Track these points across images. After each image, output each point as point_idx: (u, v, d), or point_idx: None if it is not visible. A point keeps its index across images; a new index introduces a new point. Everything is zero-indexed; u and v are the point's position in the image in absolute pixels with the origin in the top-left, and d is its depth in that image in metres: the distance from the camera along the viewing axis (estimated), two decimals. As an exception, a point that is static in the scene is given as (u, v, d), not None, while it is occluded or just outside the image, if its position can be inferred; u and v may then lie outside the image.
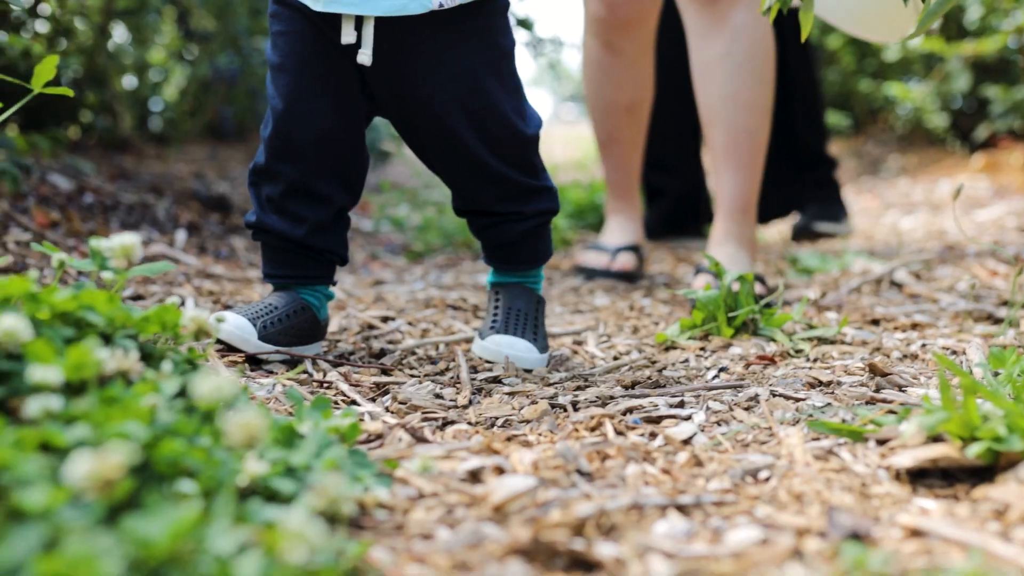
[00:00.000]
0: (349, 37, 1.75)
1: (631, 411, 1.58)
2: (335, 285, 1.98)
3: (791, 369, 1.83)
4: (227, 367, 1.74)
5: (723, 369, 1.85)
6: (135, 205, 3.41)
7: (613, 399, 1.65)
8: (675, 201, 3.82)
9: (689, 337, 2.11)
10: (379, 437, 1.43)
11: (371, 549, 1.04)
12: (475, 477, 1.26)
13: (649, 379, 1.78)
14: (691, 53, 2.62)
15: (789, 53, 3.61)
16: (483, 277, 2.94)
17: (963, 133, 5.99)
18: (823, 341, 2.06)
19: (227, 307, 2.25)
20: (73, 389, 1.09)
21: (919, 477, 1.24)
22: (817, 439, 1.39)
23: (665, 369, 1.87)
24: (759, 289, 2.44)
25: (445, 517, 1.14)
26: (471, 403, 1.66)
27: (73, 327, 1.20)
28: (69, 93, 1.51)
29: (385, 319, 2.31)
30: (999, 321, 2.21)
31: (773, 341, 2.07)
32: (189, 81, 5.45)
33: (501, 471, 1.27)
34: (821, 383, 1.72)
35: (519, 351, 1.90)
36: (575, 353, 2.05)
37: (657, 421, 1.54)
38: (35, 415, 1.00)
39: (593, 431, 1.48)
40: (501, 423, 1.55)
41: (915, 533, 1.08)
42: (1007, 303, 2.28)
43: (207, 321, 1.26)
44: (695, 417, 1.54)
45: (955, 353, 1.90)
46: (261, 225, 1.89)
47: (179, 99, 5.55)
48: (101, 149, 4.40)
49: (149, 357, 1.25)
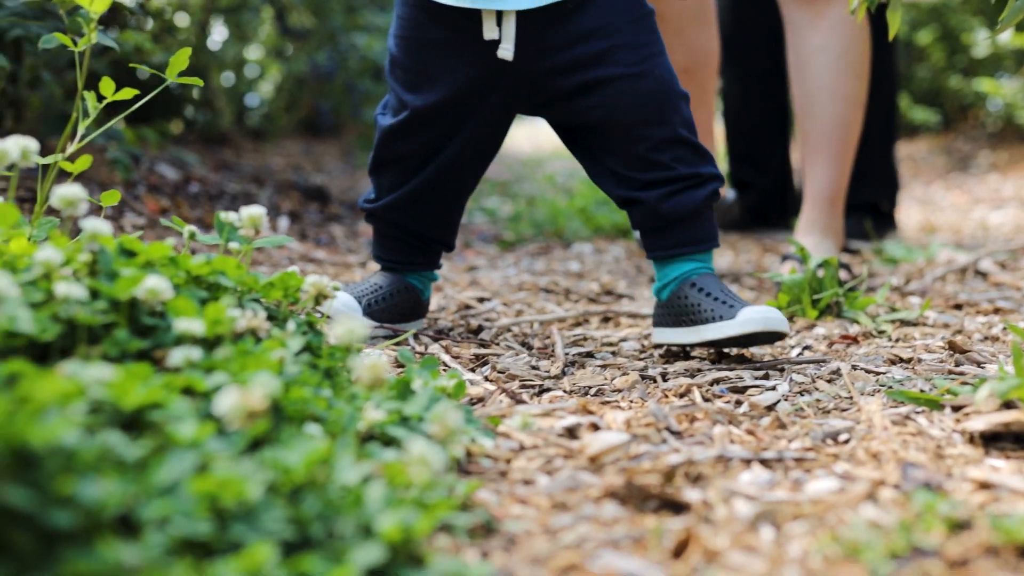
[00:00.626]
0: (492, 33, 1.78)
1: (718, 382, 1.67)
2: (440, 268, 2.08)
3: (873, 348, 1.90)
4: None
5: (807, 347, 1.92)
6: (238, 194, 3.56)
7: (701, 371, 1.74)
8: (763, 194, 3.88)
9: (774, 319, 2.18)
10: (480, 400, 1.53)
11: (478, 491, 1.15)
12: (572, 433, 1.35)
13: (735, 355, 1.86)
14: (788, 47, 2.70)
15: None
16: (574, 264, 3.02)
17: (1055, 129, 5.95)
18: (905, 323, 2.12)
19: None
20: (209, 344, 1.21)
21: (992, 440, 1.31)
22: (896, 407, 1.47)
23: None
24: (843, 275, 2.50)
25: (544, 466, 1.24)
26: (565, 374, 1.75)
27: (206, 290, 1.31)
28: (199, 83, 1.63)
29: (481, 300, 2.41)
30: (1081, 307, 2.25)
31: (856, 323, 2.13)
32: (285, 77, 5.60)
33: (596, 428, 1.37)
34: (902, 360, 1.79)
35: (777, 315, 1.75)
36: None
37: (742, 391, 1.62)
38: (178, 364, 1.12)
39: (682, 397, 1.57)
40: (594, 392, 1.64)
41: (984, 486, 1.16)
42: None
43: (326, 286, 1.37)
44: (779, 387, 1.62)
45: (1035, 334, 1.96)
46: (376, 211, 1.99)
47: (275, 95, 5.71)
48: (201, 143, 4.57)
49: (272, 319, 1.36)
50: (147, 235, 2.59)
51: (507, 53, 1.78)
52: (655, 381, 1.69)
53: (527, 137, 10.32)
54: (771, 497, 1.13)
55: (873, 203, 3.63)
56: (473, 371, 1.77)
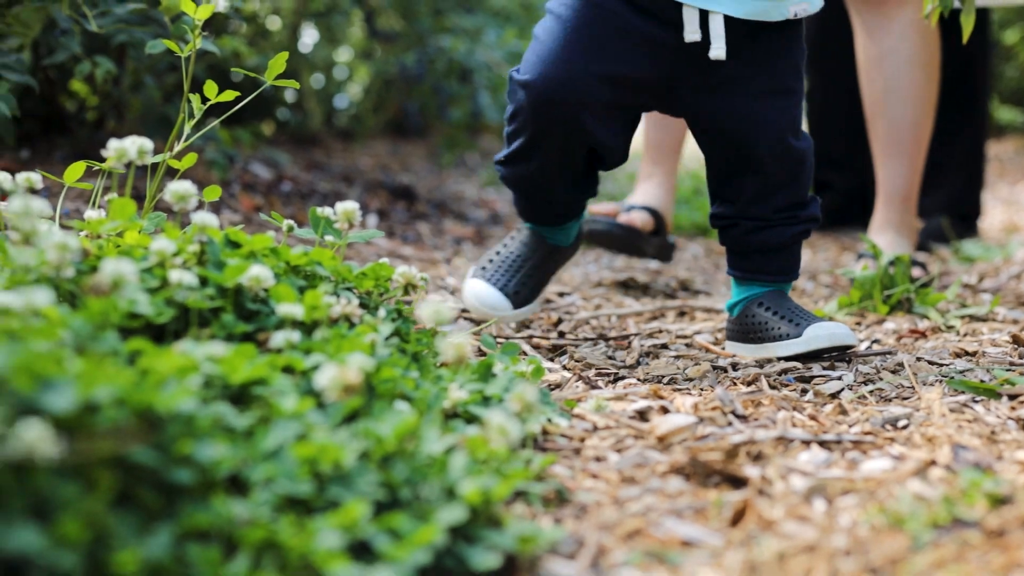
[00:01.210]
0: (694, 35, 1.74)
1: (786, 372, 1.74)
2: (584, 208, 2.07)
3: (940, 342, 1.96)
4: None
5: (876, 341, 1.99)
6: (329, 193, 3.68)
7: (770, 361, 1.81)
8: (843, 195, 3.91)
9: (846, 313, 2.25)
10: (558, 386, 1.63)
11: (553, 465, 1.24)
12: (642, 416, 1.44)
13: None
14: (858, 49, 2.75)
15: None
16: (652, 261, 3.09)
17: None
18: (975, 319, 2.17)
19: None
20: (307, 328, 1.31)
21: (1046, 427, 1.38)
22: (955, 395, 1.53)
23: (820, 340, 2.01)
24: (917, 272, 2.55)
25: (615, 445, 1.33)
26: (639, 363, 1.84)
27: (304, 279, 1.42)
28: (295, 85, 1.74)
29: (561, 294, 2.51)
30: None
31: (926, 318, 2.18)
32: (373, 79, 5.73)
33: (665, 411, 1.45)
34: (967, 353, 1.85)
35: (843, 330, 1.79)
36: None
37: (808, 380, 1.69)
38: (280, 345, 1.23)
39: (749, 385, 1.65)
40: (667, 380, 1.72)
41: (1032, 467, 1.22)
42: None
43: (415, 276, 1.47)
44: (844, 377, 1.69)
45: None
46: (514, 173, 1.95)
47: (363, 96, 5.84)
48: (292, 143, 4.71)
49: (365, 307, 1.47)
50: (244, 231, 2.72)
51: (720, 52, 1.73)
52: (725, 371, 1.77)
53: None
54: (826, 474, 1.21)
55: (955, 205, 3.67)
56: (551, 359, 1.86)
